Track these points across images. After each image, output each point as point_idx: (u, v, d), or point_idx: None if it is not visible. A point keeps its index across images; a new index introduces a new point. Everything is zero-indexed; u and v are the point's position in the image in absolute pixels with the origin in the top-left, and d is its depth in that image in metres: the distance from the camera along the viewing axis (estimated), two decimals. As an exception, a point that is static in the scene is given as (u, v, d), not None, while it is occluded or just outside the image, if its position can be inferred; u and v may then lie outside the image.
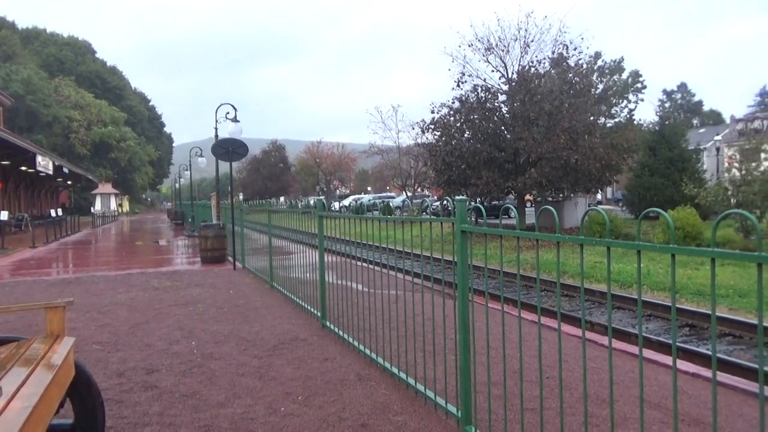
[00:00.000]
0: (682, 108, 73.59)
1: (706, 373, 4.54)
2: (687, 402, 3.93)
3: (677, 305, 2.07)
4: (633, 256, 14.98)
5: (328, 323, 6.24)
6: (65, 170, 32.29)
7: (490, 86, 24.06)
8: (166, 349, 5.62)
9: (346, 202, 41.77)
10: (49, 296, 8.89)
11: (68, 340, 2.91)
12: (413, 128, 37.08)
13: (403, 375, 4.35)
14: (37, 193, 42.29)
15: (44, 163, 26.79)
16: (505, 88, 24.03)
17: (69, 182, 42.61)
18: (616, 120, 39.73)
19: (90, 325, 6.77)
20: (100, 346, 5.79)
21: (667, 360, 4.92)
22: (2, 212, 24.14)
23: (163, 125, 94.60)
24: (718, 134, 46.20)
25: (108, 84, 74.01)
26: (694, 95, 77.37)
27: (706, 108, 76.24)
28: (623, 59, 56.28)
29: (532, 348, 5.01)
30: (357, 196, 51.72)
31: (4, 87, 43.53)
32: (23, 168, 29.32)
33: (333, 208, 14.03)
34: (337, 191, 73.14)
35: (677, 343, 2.13)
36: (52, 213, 29.80)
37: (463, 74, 24.76)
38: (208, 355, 5.38)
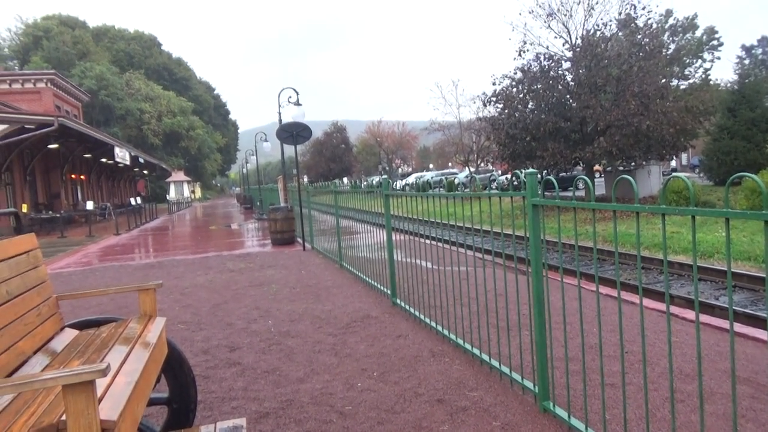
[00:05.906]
0: (764, 64, 68.35)
1: (800, 345, 4.28)
2: (779, 376, 3.74)
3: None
4: (711, 225, 14.23)
5: (398, 301, 6.32)
6: (141, 160, 33.91)
7: (553, 54, 23.28)
8: (245, 327, 5.88)
9: (409, 180, 41.77)
10: (136, 280, 9.45)
11: (160, 320, 3.10)
12: (474, 102, 36.41)
13: (476, 351, 4.35)
14: (116, 183, 44.71)
15: (122, 155, 28.22)
16: (569, 54, 23.17)
17: (145, 171, 44.83)
18: (690, 81, 37.47)
19: (174, 306, 7.16)
20: (184, 325, 6.12)
21: (756, 333, 4.68)
22: (88, 202, 25.75)
23: (228, 112, 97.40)
24: (806, 90, 42.73)
25: (175, 75, 76.73)
26: (777, 49, 71.68)
27: (792, 62, 70.51)
28: (697, 16, 52.77)
29: (608, 323, 4.90)
30: (419, 174, 51.52)
31: (78, 84, 45.96)
32: (103, 160, 31.04)
33: (395, 187, 14.08)
34: (399, 170, 73.18)
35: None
36: (132, 201, 31.47)
37: (525, 43, 24.08)
38: (285, 333, 5.58)
